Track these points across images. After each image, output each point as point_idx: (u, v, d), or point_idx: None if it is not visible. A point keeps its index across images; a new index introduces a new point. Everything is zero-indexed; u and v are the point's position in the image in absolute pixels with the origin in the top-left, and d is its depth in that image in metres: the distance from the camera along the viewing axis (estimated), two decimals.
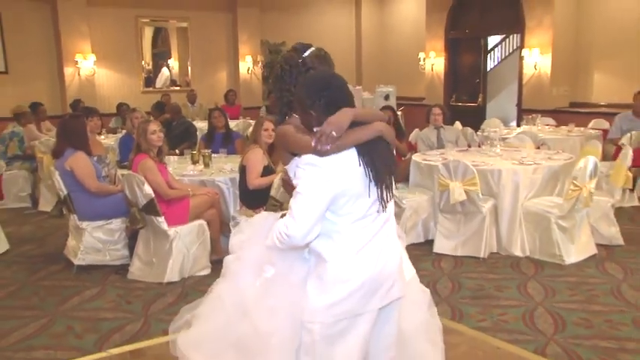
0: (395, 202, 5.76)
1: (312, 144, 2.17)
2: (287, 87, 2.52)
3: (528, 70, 10.71)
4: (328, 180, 2.17)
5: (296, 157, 2.32)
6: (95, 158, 5.50)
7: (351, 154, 2.21)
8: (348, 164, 2.21)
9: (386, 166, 2.28)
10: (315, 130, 2.23)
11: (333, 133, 2.15)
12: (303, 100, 2.30)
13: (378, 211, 2.28)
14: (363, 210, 2.25)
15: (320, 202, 2.18)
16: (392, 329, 2.44)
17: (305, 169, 2.19)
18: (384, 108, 7.26)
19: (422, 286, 2.70)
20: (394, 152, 2.40)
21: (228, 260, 2.58)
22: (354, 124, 2.22)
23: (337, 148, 2.18)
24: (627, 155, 5.78)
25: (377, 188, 2.25)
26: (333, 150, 2.17)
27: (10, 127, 8.04)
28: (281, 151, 2.48)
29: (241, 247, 2.56)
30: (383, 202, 2.28)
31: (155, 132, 5.10)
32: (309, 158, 2.19)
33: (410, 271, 2.63)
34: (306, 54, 2.56)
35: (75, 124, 5.38)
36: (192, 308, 2.64)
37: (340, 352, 2.28)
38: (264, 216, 2.69)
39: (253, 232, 2.56)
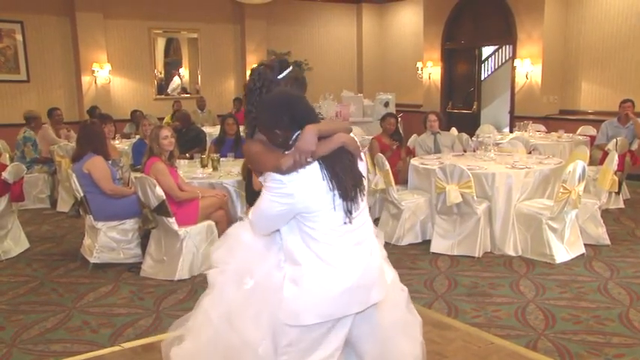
0: (394, 203, 5.83)
1: (283, 168, 2.10)
2: (254, 102, 2.38)
3: (520, 80, 10.69)
4: (291, 195, 2.12)
5: None
6: (110, 162, 5.51)
7: (314, 168, 2.14)
8: (311, 179, 2.14)
9: (350, 177, 2.19)
10: (285, 153, 2.16)
11: (309, 159, 2.11)
12: (266, 121, 2.22)
13: (345, 223, 2.20)
14: (332, 221, 2.19)
15: (279, 212, 2.16)
16: (371, 329, 2.39)
17: (271, 184, 2.15)
18: (387, 115, 7.22)
19: (401, 286, 2.64)
20: (360, 162, 2.28)
21: (212, 274, 2.49)
22: (319, 138, 2.15)
23: (300, 166, 2.11)
24: (613, 160, 5.76)
25: (342, 200, 2.18)
26: (295, 167, 2.11)
27: (21, 132, 8.03)
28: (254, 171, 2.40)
29: (225, 260, 2.47)
30: (349, 214, 2.20)
31: (167, 137, 5.09)
32: (275, 175, 2.14)
33: (390, 273, 2.55)
34: (282, 75, 2.41)
35: (96, 130, 5.41)
36: (183, 322, 2.57)
37: (317, 355, 2.24)
38: (241, 227, 2.54)
39: (233, 244, 2.49)
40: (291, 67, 2.46)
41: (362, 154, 2.32)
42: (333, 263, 2.20)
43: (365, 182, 2.29)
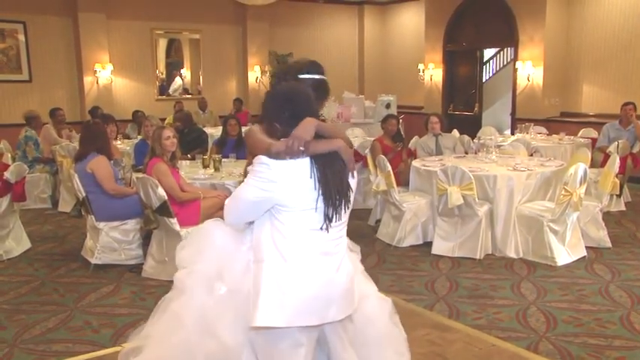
0: (395, 205, 5.82)
1: (272, 150, 2.09)
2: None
3: (522, 82, 10.69)
4: (274, 182, 2.08)
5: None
6: (112, 162, 5.51)
7: (304, 164, 2.11)
8: (298, 173, 2.11)
9: (338, 184, 2.15)
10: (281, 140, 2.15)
11: (301, 148, 2.08)
12: (268, 112, 2.23)
13: (322, 228, 2.15)
14: (308, 222, 2.14)
15: (257, 198, 2.10)
16: (344, 346, 2.32)
17: (257, 167, 2.12)
18: (389, 117, 7.20)
19: (382, 296, 2.57)
20: (351, 178, 2.24)
21: (180, 276, 2.39)
22: (317, 136, 2.14)
23: (291, 155, 2.10)
24: (614, 163, 5.76)
25: (324, 205, 2.13)
26: (285, 153, 2.09)
27: (23, 132, 8.03)
28: (249, 152, 2.37)
29: (193, 260, 2.38)
30: (327, 220, 2.14)
31: (169, 138, 5.10)
32: (263, 158, 2.12)
33: (367, 287, 2.50)
34: (302, 75, 2.43)
35: (99, 129, 5.42)
36: (140, 332, 2.46)
37: None
38: (214, 225, 2.46)
39: (202, 244, 2.40)
40: (318, 76, 2.46)
41: (355, 172, 2.27)
42: (295, 265, 2.13)
43: (351, 197, 2.23)
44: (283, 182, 2.09)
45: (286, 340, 2.17)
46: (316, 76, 2.47)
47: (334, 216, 2.16)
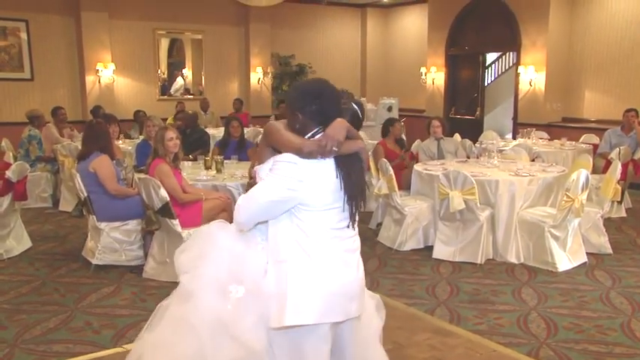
0: (397, 208, 5.83)
1: (304, 150, 2.09)
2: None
3: (524, 86, 10.70)
4: (302, 181, 2.09)
5: (272, 158, 2.19)
6: (114, 162, 5.52)
7: (329, 164, 2.14)
8: (324, 173, 2.13)
9: (359, 183, 2.21)
10: (307, 137, 2.15)
11: (334, 148, 2.11)
12: (294, 101, 2.21)
13: (348, 226, 2.21)
14: (331, 221, 2.17)
15: (281, 197, 2.09)
16: (352, 340, 2.35)
17: (283, 166, 2.10)
18: (393, 120, 7.21)
19: (370, 293, 2.60)
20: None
21: (184, 281, 2.35)
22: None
23: (323, 155, 2.11)
24: (616, 169, 5.76)
25: (349, 203, 2.18)
26: (316, 153, 2.10)
27: (26, 130, 8.04)
28: (262, 148, 2.30)
29: (194, 265, 2.34)
30: (353, 218, 2.20)
31: (172, 139, 5.10)
32: (288, 156, 2.11)
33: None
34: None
35: (102, 129, 5.43)
36: (141, 341, 2.42)
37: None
38: (218, 228, 2.44)
39: (205, 248, 2.37)
40: (354, 109, 2.46)
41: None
42: (320, 263, 2.15)
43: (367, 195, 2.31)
44: (310, 181, 2.11)
45: (312, 338, 2.18)
46: (354, 107, 2.48)
47: (357, 214, 2.22)
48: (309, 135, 2.18)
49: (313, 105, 2.18)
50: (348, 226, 2.21)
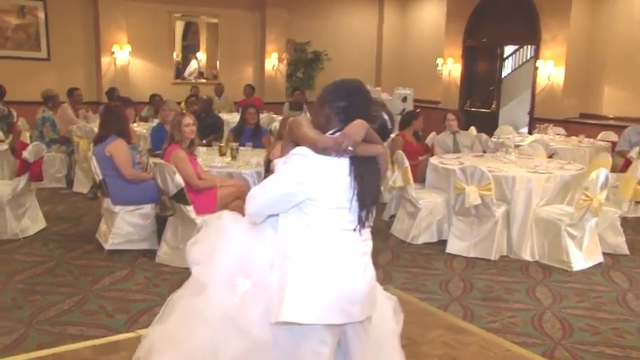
0: (411, 201, 5.78)
1: (319, 145, 2.09)
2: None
3: (542, 81, 10.58)
4: (311, 176, 2.08)
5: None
6: (130, 146, 5.50)
7: (343, 163, 2.12)
8: (336, 171, 2.12)
9: (372, 187, 2.18)
10: (329, 134, 2.15)
11: (350, 147, 2.09)
12: (327, 93, 2.24)
13: (355, 229, 2.17)
14: (340, 222, 2.14)
15: (290, 190, 2.08)
16: (362, 344, 2.32)
17: (295, 159, 2.11)
18: (417, 113, 7.05)
19: (388, 294, 2.58)
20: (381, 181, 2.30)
21: (197, 273, 2.34)
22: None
23: (338, 153, 2.10)
24: (637, 169, 5.68)
25: (358, 205, 2.15)
26: (331, 149, 2.09)
27: (40, 112, 8.03)
28: (286, 143, 2.30)
29: (207, 257, 2.33)
30: (361, 222, 2.16)
31: (189, 125, 5.08)
32: (302, 149, 2.11)
33: (378, 285, 2.47)
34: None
35: (120, 112, 5.42)
36: (154, 332, 2.42)
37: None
38: (230, 219, 2.42)
39: (217, 240, 2.36)
40: (384, 118, 2.41)
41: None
42: (323, 262, 2.12)
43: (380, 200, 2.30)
44: (320, 177, 2.09)
45: (312, 338, 2.16)
46: (385, 117, 2.42)
47: (367, 218, 2.18)
48: (329, 133, 2.18)
49: (342, 101, 2.18)
50: (355, 229, 2.17)
